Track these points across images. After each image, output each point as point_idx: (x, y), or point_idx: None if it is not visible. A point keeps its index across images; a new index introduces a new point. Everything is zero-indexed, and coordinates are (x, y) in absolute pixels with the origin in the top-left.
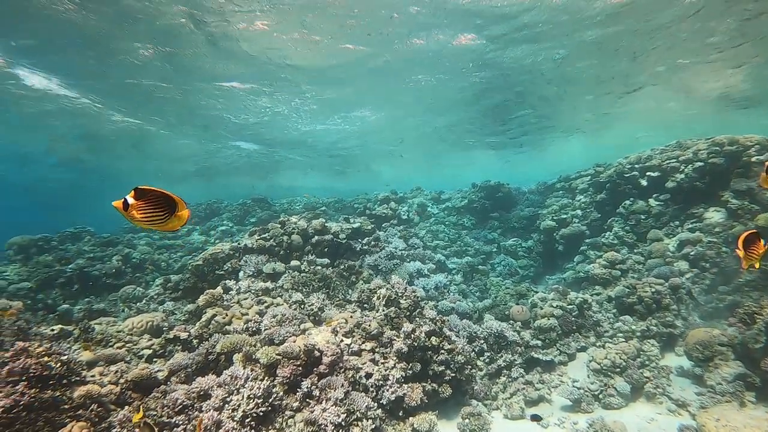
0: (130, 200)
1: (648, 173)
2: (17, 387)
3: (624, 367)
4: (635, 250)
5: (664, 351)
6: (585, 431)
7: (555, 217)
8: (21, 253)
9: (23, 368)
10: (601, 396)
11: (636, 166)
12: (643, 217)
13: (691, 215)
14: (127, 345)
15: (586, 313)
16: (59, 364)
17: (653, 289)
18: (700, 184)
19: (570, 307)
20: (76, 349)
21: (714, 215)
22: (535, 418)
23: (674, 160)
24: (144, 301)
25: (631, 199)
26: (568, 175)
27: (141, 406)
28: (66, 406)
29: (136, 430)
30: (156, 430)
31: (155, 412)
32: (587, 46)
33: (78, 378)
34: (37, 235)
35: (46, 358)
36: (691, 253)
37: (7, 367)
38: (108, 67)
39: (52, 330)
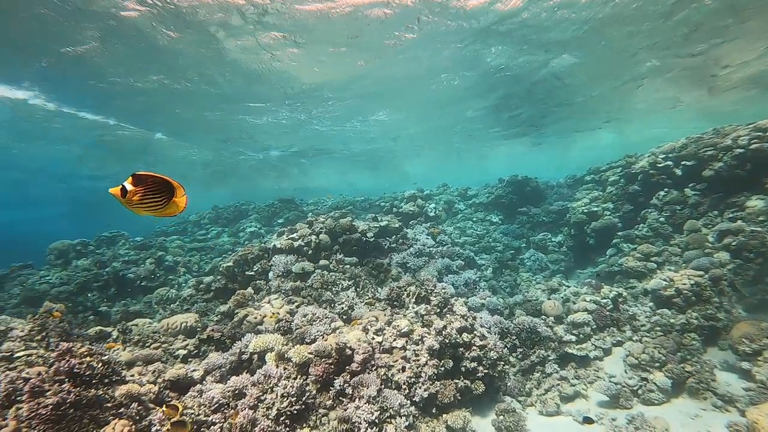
0: (129, 186)
1: (683, 162)
2: (63, 386)
3: (663, 361)
4: (671, 242)
5: (706, 345)
6: (624, 427)
7: (585, 210)
8: (61, 258)
9: (68, 368)
10: (640, 391)
11: (670, 155)
12: (678, 207)
13: (731, 204)
14: (163, 345)
15: (621, 307)
16: (101, 364)
17: (692, 281)
18: (741, 171)
19: (604, 301)
20: (115, 350)
21: (757, 203)
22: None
23: (711, 148)
24: (177, 303)
25: (666, 189)
26: (598, 167)
27: (179, 405)
28: (109, 405)
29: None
30: (189, 427)
31: (192, 411)
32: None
33: (118, 377)
34: (75, 240)
35: (88, 358)
36: (733, 243)
37: (54, 367)
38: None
39: (95, 332)
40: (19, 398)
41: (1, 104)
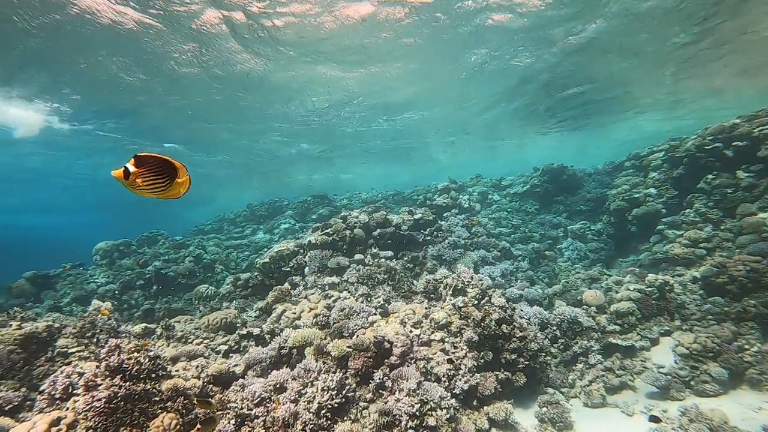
0: (131, 168)
1: (735, 143)
2: (115, 380)
3: (718, 351)
4: (722, 227)
5: (767, 335)
6: (677, 419)
7: (626, 197)
8: (105, 258)
9: (118, 363)
10: (692, 382)
11: (719, 136)
12: (729, 191)
13: None
14: (205, 341)
15: (668, 296)
16: (147, 359)
17: (748, 267)
18: None
19: (650, 289)
20: (159, 346)
21: None
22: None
23: None
24: (216, 300)
25: (715, 172)
26: (638, 152)
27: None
28: (156, 398)
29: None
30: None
31: (236, 405)
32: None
33: (164, 372)
34: (118, 240)
35: (136, 354)
36: None
37: (105, 362)
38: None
39: (140, 329)
40: (75, 391)
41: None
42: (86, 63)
